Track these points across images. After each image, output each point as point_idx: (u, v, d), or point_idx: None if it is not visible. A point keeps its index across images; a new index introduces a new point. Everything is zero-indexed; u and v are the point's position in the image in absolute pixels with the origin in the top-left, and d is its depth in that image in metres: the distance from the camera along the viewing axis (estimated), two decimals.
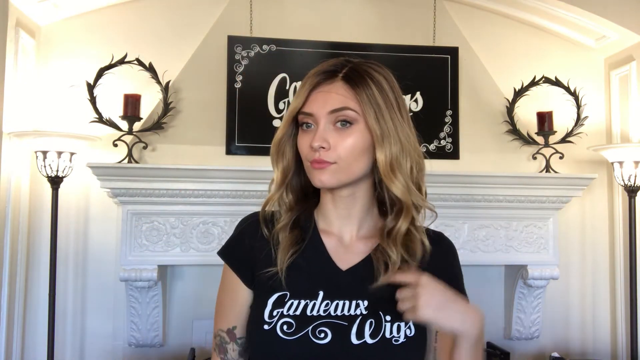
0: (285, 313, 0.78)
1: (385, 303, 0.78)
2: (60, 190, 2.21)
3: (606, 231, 2.75)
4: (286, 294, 0.80)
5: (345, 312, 0.79)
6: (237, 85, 2.44)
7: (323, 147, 0.76)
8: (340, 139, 0.77)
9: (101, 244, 2.42)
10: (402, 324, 0.78)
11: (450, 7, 2.65)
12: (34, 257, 2.37)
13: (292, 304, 0.79)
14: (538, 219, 2.46)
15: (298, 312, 0.79)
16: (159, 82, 2.36)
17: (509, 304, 2.61)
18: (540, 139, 2.58)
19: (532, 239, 2.46)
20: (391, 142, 0.78)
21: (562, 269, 2.54)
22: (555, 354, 2.51)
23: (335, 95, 0.78)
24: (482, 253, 2.42)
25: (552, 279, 2.47)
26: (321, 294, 0.80)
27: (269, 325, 0.78)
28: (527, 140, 2.59)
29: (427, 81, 2.55)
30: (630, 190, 2.43)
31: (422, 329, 0.80)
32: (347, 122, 0.77)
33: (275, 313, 0.79)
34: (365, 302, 0.80)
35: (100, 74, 2.31)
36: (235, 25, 2.48)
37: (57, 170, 2.15)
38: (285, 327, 0.77)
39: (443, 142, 2.55)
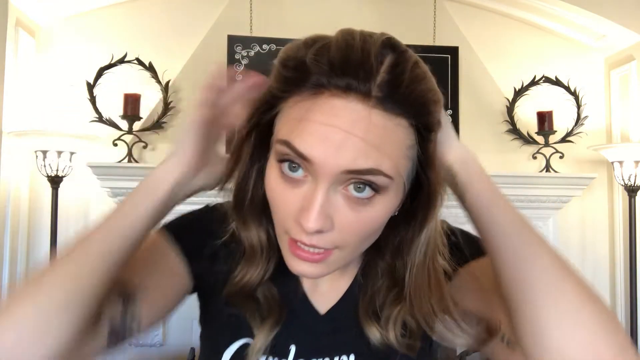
0: None
1: (379, 352, 0.60)
2: (60, 190, 2.21)
3: (606, 231, 2.75)
4: (247, 344, 0.59)
5: None
6: None
7: (321, 231, 0.47)
8: (354, 217, 0.48)
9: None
10: None
11: (450, 6, 2.65)
12: (34, 257, 2.36)
13: None
14: (538, 219, 2.46)
15: None
16: (158, 82, 2.36)
17: None
18: (540, 139, 2.57)
19: None
20: None
21: None
22: None
23: (360, 144, 0.44)
24: None
25: None
26: (293, 349, 0.60)
27: None
28: (527, 140, 2.59)
29: None
30: (631, 190, 2.43)
31: None
32: (370, 188, 0.47)
33: None
34: (352, 357, 0.60)
35: (100, 73, 2.31)
36: (235, 24, 2.48)
37: (57, 170, 2.15)
38: None
39: None
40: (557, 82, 2.60)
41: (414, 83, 0.47)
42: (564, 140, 2.57)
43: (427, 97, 0.48)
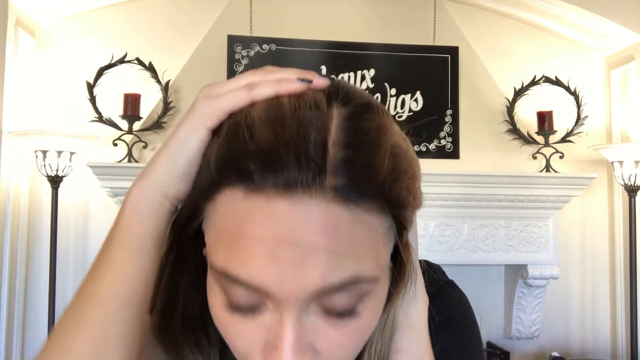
0: None
1: None
2: (60, 190, 2.21)
3: (606, 231, 2.75)
4: None
5: None
6: None
7: None
8: (340, 336, 0.36)
9: (101, 244, 2.41)
10: None
11: (450, 6, 2.65)
12: (34, 257, 2.37)
13: None
14: (538, 219, 2.46)
15: None
16: (158, 82, 2.36)
17: (509, 304, 2.61)
18: (540, 139, 2.57)
19: (532, 239, 2.45)
20: None
21: (562, 268, 2.54)
22: (555, 354, 2.51)
23: (324, 255, 0.33)
24: (482, 252, 2.42)
25: (552, 279, 2.47)
26: None
27: None
28: (527, 140, 2.59)
29: (427, 81, 2.55)
30: (631, 190, 2.43)
31: None
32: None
33: None
34: None
35: (100, 73, 2.31)
36: (235, 24, 2.48)
37: (57, 170, 2.14)
38: None
39: (443, 142, 2.55)
40: (557, 82, 2.60)
41: (385, 160, 0.34)
42: (564, 140, 2.57)
43: (403, 196, 0.36)
